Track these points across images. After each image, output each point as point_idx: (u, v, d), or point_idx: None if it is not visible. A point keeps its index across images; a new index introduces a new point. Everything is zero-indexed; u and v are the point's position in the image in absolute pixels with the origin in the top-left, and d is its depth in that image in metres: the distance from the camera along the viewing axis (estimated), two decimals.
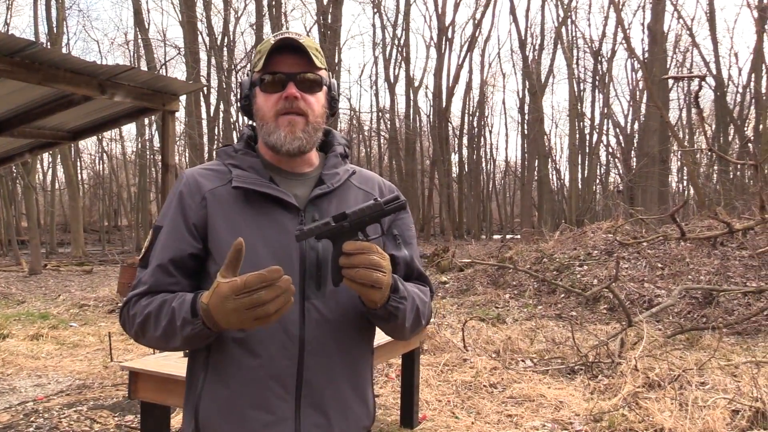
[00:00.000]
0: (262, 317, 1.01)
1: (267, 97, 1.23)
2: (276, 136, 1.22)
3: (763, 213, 8.16)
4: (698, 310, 7.20)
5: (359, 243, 1.08)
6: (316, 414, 1.18)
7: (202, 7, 23.52)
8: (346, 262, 1.08)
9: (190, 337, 1.10)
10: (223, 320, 1.04)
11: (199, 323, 1.07)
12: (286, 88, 1.21)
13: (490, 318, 7.38)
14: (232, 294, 1.00)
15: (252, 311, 1.00)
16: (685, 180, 30.08)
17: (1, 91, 5.08)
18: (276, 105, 1.22)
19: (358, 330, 1.24)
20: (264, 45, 1.25)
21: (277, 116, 1.22)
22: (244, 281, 1.00)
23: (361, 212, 1.11)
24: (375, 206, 1.11)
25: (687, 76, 18.12)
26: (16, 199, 26.18)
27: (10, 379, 5.34)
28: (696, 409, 3.81)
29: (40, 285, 12.99)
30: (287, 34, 1.23)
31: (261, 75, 1.23)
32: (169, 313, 1.12)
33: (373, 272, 1.07)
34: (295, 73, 1.22)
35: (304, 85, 1.22)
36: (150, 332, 1.15)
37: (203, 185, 1.23)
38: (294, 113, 1.22)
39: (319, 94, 1.26)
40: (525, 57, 28.40)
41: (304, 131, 1.23)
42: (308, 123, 1.24)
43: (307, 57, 1.22)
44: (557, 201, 31.18)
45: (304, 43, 1.22)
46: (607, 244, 9.91)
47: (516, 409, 4.30)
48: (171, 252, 1.19)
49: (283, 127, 1.22)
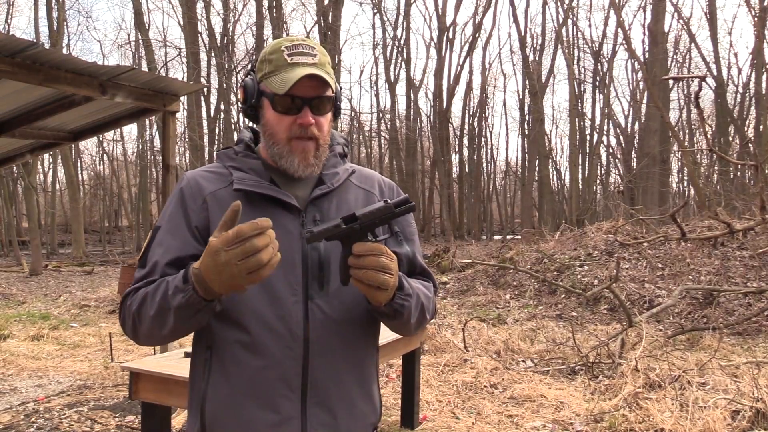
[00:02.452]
0: (255, 269, 0.99)
1: (280, 117, 1.21)
2: (288, 162, 1.22)
3: (764, 213, 8.15)
4: (699, 310, 7.20)
5: (369, 245, 1.09)
6: (323, 413, 1.18)
7: (203, 7, 23.56)
8: (356, 263, 1.08)
9: (181, 307, 1.06)
10: (216, 280, 1.01)
11: (190, 289, 1.04)
12: (301, 113, 1.20)
13: (490, 318, 7.38)
14: (224, 246, 0.99)
15: (245, 262, 0.98)
16: (686, 180, 30.11)
17: (2, 91, 5.08)
18: (289, 129, 1.21)
19: (363, 328, 1.25)
20: (276, 54, 1.21)
21: (290, 140, 1.21)
22: (236, 230, 0.99)
23: (371, 215, 1.11)
24: (385, 209, 1.11)
25: (687, 76, 18.11)
26: (17, 199, 26.22)
27: (10, 379, 5.34)
28: (696, 409, 3.81)
29: (40, 285, 13.00)
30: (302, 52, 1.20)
31: (274, 93, 1.19)
32: (163, 288, 1.10)
33: (381, 274, 1.08)
34: (311, 98, 1.20)
35: (317, 108, 1.22)
36: (145, 315, 1.12)
37: (204, 188, 1.23)
38: (307, 138, 1.21)
39: (329, 113, 1.26)
40: (525, 57, 28.41)
41: (315, 156, 1.23)
42: (318, 147, 1.24)
43: (323, 79, 1.20)
44: (558, 201, 31.17)
45: (319, 62, 1.20)
46: (607, 244, 9.91)
47: (516, 410, 4.30)
48: (172, 252, 1.18)
49: (297, 153, 1.21)
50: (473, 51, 31.28)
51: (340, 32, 24.62)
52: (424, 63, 47.56)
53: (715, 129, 24.93)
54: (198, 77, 21.26)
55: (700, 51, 24.75)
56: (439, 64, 29.79)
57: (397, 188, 1.40)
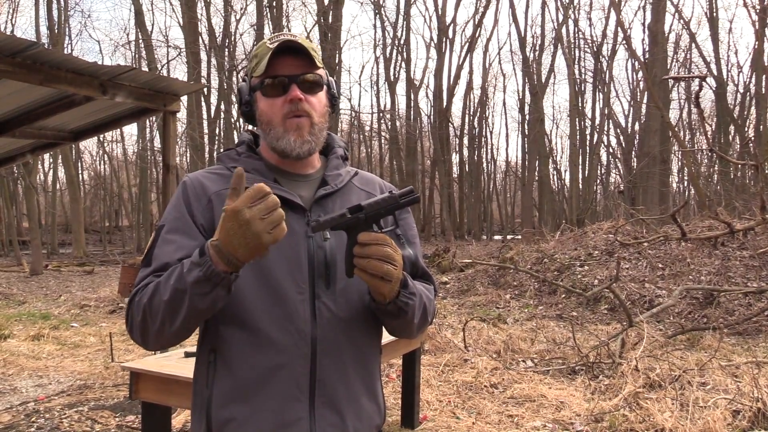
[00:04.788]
0: (278, 223, 1.01)
1: (270, 101, 1.23)
2: (285, 141, 1.23)
3: (764, 213, 8.16)
4: (699, 310, 7.20)
5: (374, 234, 1.09)
6: (331, 413, 1.18)
7: (203, 7, 23.55)
8: (360, 252, 1.08)
9: (198, 281, 1.03)
10: (241, 242, 1.00)
11: (207, 260, 1.03)
12: (289, 91, 1.21)
13: (490, 318, 7.38)
14: (246, 203, 1.00)
15: (269, 216, 1.00)
16: (686, 180, 30.10)
17: (3, 91, 5.09)
18: (282, 109, 1.22)
19: (368, 328, 1.25)
20: (260, 48, 1.24)
21: (284, 120, 1.22)
22: (256, 187, 1.01)
23: (376, 204, 1.11)
24: (390, 198, 1.12)
25: (687, 76, 18.14)
26: (18, 199, 26.22)
27: (11, 379, 5.35)
28: (697, 409, 3.81)
29: (41, 285, 13.00)
30: (283, 36, 1.23)
31: (262, 79, 1.23)
32: (178, 271, 1.08)
33: (385, 264, 1.08)
34: (296, 74, 1.22)
35: (305, 86, 1.23)
36: (158, 303, 1.08)
37: (208, 187, 1.24)
38: (299, 115, 1.22)
39: (321, 94, 1.27)
40: (525, 57, 28.39)
41: (311, 133, 1.24)
42: (313, 125, 1.24)
43: (307, 58, 1.22)
44: (558, 201, 31.17)
45: (302, 44, 1.22)
46: (607, 244, 9.90)
47: (517, 410, 4.30)
48: (183, 250, 1.16)
49: (292, 131, 1.22)
50: (473, 51, 31.33)
51: (340, 32, 24.61)
52: (424, 63, 47.58)
53: (715, 129, 24.95)
54: (198, 77, 21.25)
55: (701, 51, 24.80)
56: (439, 64, 29.79)
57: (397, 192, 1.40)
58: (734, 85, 26.48)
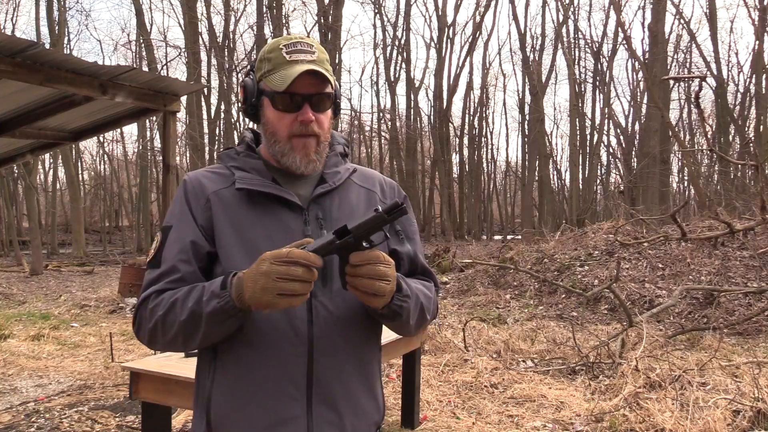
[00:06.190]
0: (287, 294, 1.03)
1: (280, 115, 1.22)
2: (291, 159, 1.23)
3: (764, 213, 8.16)
4: (699, 310, 7.20)
5: (365, 254, 1.09)
6: (328, 411, 1.18)
7: (204, 7, 23.55)
8: (352, 272, 1.09)
9: (215, 312, 1.08)
10: (250, 287, 1.04)
11: (227, 295, 1.07)
12: (301, 110, 1.20)
13: (491, 318, 7.38)
14: (271, 258, 1.03)
15: (282, 281, 1.02)
16: (686, 180, 30.10)
17: (3, 91, 5.09)
18: (290, 126, 1.21)
19: (366, 327, 1.25)
20: (275, 53, 1.22)
21: (290, 138, 1.22)
22: (288, 250, 1.04)
23: (364, 225, 1.10)
24: (377, 218, 1.10)
25: (688, 76, 18.14)
26: (18, 199, 26.21)
27: (11, 379, 5.35)
28: (697, 409, 3.81)
29: (41, 285, 13.00)
30: (301, 50, 1.21)
31: (274, 91, 1.20)
32: (197, 294, 1.11)
33: (377, 282, 1.08)
34: (311, 94, 1.21)
35: (317, 105, 1.22)
36: (173, 320, 1.12)
37: (207, 187, 1.24)
38: (308, 135, 1.22)
39: (329, 110, 1.27)
40: (525, 57, 28.39)
41: (317, 152, 1.24)
42: (319, 143, 1.25)
43: (322, 75, 1.21)
44: (558, 201, 31.16)
45: (318, 59, 1.21)
46: (608, 244, 9.90)
47: (517, 410, 4.31)
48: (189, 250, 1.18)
49: (298, 150, 1.22)
50: (473, 51, 31.29)
51: (340, 32, 24.62)
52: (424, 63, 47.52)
53: (715, 129, 24.94)
54: (198, 77, 21.26)
55: (701, 51, 24.76)
56: (439, 64, 29.79)
57: (398, 188, 1.40)
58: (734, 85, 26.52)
